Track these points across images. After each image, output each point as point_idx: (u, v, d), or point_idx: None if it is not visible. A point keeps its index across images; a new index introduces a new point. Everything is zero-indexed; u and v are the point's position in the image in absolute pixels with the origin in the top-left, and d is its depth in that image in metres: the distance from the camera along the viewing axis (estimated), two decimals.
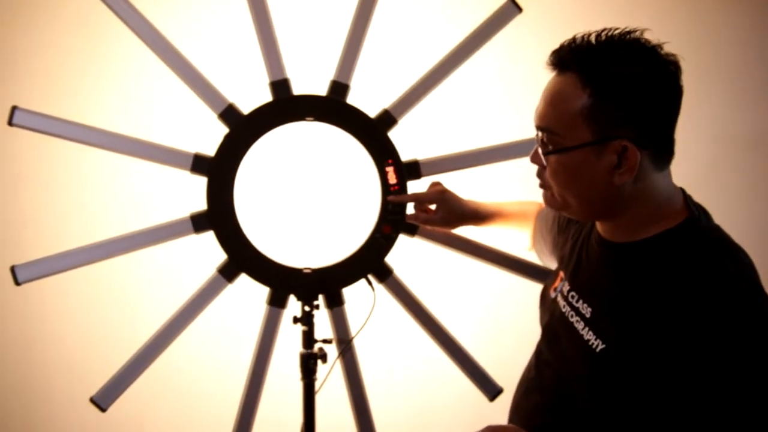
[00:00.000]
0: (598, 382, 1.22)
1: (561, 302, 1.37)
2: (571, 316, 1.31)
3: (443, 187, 1.73)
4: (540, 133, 1.25)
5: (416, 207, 1.73)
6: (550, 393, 1.34)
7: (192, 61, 1.62)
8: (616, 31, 1.18)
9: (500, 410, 1.96)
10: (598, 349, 1.22)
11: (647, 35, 1.19)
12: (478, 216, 1.73)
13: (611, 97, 1.15)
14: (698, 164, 2.39)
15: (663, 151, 1.20)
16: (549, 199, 1.30)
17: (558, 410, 1.32)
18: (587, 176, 1.20)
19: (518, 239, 1.76)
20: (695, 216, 1.22)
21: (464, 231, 1.76)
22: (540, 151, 1.26)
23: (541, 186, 1.31)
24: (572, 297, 1.33)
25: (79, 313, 2.40)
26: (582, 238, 1.39)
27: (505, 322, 2.42)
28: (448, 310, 1.90)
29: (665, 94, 1.18)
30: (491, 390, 1.79)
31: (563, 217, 1.51)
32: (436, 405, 2.59)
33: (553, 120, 1.21)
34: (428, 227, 1.74)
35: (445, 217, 1.71)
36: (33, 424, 2.45)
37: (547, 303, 1.46)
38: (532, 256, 1.81)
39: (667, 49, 1.18)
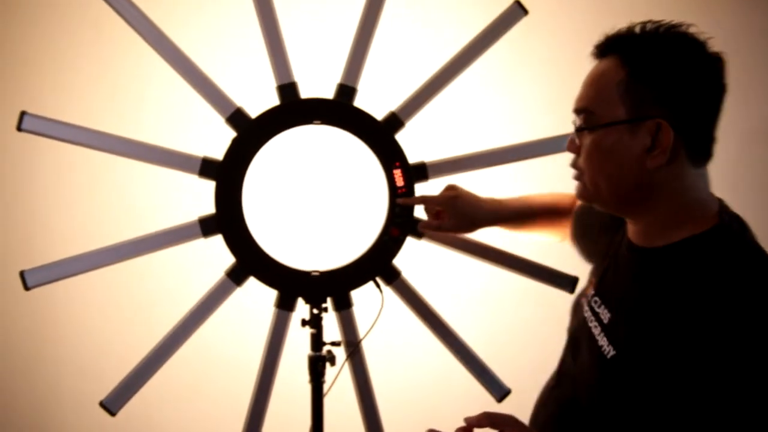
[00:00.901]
0: (605, 391, 1.20)
1: (585, 308, 1.34)
2: (591, 321, 1.29)
3: (457, 191, 1.70)
4: (577, 120, 1.24)
5: (427, 212, 1.73)
6: (566, 404, 1.32)
7: (200, 66, 1.63)
8: (662, 23, 1.17)
9: (508, 411, 1.95)
10: (609, 356, 1.19)
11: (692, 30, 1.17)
12: (499, 217, 1.71)
13: (648, 77, 1.14)
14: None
15: (699, 146, 1.17)
16: (581, 190, 1.26)
17: (571, 422, 1.30)
18: (620, 157, 1.17)
19: (550, 236, 1.73)
20: (725, 223, 1.16)
21: (475, 233, 1.76)
22: (575, 137, 1.25)
23: (575, 177, 1.28)
24: (595, 302, 1.31)
25: (87, 317, 2.41)
26: (615, 245, 1.36)
27: (513, 323, 2.42)
28: (456, 312, 1.90)
29: (705, 86, 1.15)
30: (499, 391, 1.79)
31: (598, 223, 1.46)
32: (444, 406, 2.58)
33: (590, 99, 1.21)
34: (442, 235, 1.74)
35: (459, 224, 1.69)
36: (44, 428, 2.46)
37: (576, 311, 1.42)
38: (542, 259, 1.81)
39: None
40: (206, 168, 1.64)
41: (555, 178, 2.55)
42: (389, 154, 1.70)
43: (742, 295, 1.07)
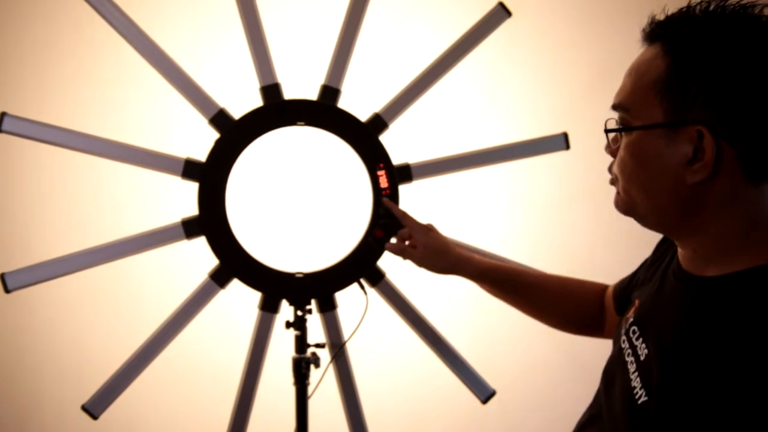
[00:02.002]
0: None
1: (623, 337, 1.13)
2: (628, 355, 1.08)
3: (434, 229, 1.65)
4: (617, 117, 1.06)
5: (399, 236, 1.68)
6: None
7: (182, 67, 1.62)
8: (730, 3, 0.95)
9: (493, 413, 1.96)
10: (639, 402, 0.99)
11: None
12: (467, 268, 1.60)
13: (692, 71, 0.94)
14: None
15: (759, 158, 0.94)
16: (616, 199, 1.08)
17: None
18: (654, 167, 0.99)
19: (553, 318, 1.58)
20: None
21: (460, 235, 1.76)
22: (615, 137, 1.08)
23: (611, 182, 1.10)
24: (633, 332, 1.10)
25: (70, 320, 2.39)
26: (665, 264, 1.16)
27: (498, 324, 2.43)
28: (441, 313, 1.91)
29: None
30: (484, 392, 1.79)
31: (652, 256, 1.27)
32: (429, 408, 2.59)
33: (627, 95, 1.02)
34: (404, 259, 1.66)
35: (424, 256, 1.62)
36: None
37: (616, 336, 1.20)
38: (528, 261, 1.81)
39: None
40: (189, 169, 1.63)
41: (542, 180, 2.57)
42: (373, 156, 1.70)
43: None
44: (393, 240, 1.69)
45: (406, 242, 1.68)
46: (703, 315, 0.96)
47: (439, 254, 1.62)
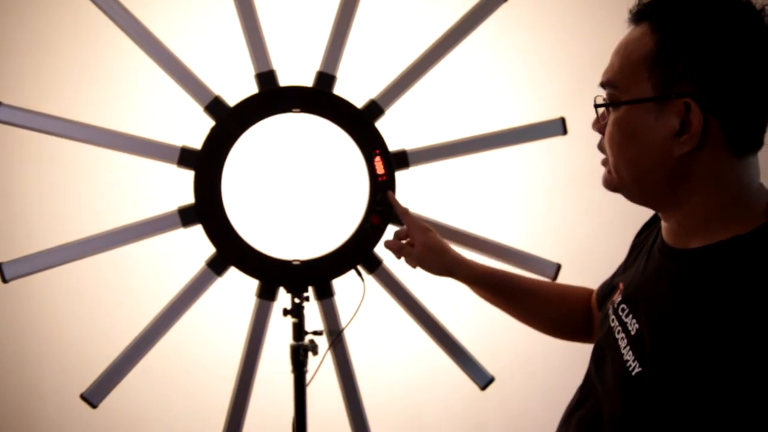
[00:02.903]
0: (628, 413, 1.03)
1: (611, 316, 1.18)
2: (618, 332, 1.13)
3: (433, 230, 1.67)
4: (604, 94, 1.10)
5: (396, 234, 1.70)
6: (589, 425, 1.16)
7: (177, 54, 1.61)
8: None
9: (492, 399, 1.96)
10: (633, 373, 1.03)
11: None
12: (462, 271, 1.63)
13: (679, 47, 0.98)
14: None
15: (743, 131, 0.99)
16: (605, 176, 1.13)
17: None
18: (643, 140, 1.03)
19: (542, 323, 1.61)
20: None
21: (457, 221, 1.76)
22: (603, 114, 1.12)
23: (603, 163, 1.14)
24: (622, 310, 1.14)
25: (67, 309, 2.39)
26: (648, 245, 1.20)
27: (496, 310, 2.43)
28: (439, 300, 1.91)
29: (752, 61, 0.96)
30: (483, 379, 1.80)
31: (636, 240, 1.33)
32: (427, 394, 2.59)
33: (615, 72, 1.06)
34: (399, 258, 1.69)
35: (422, 256, 1.64)
36: (26, 422, 2.45)
37: (603, 319, 1.24)
38: (525, 246, 1.81)
39: None
40: (185, 157, 1.62)
41: (540, 166, 2.56)
42: (369, 142, 1.69)
43: None
44: (389, 227, 1.69)
45: (404, 241, 1.68)
46: (690, 284, 1.00)
47: (436, 255, 1.64)
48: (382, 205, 1.69)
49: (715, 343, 0.91)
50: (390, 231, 1.72)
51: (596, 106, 1.10)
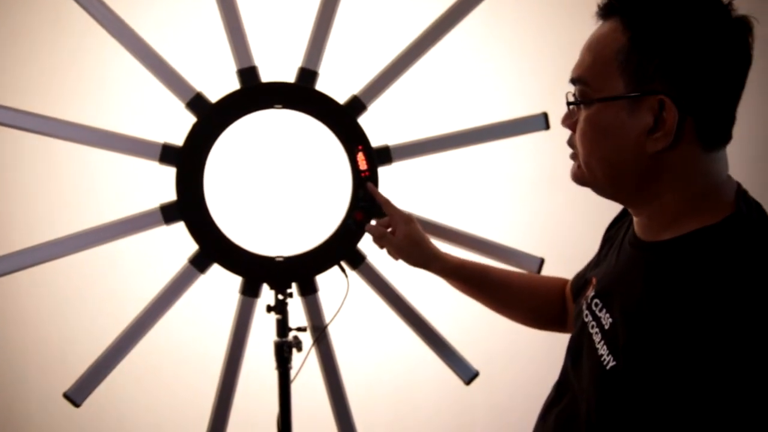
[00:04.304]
0: (604, 406, 1.02)
1: (585, 311, 1.18)
2: (592, 327, 1.12)
3: (413, 218, 1.65)
4: (574, 90, 1.09)
5: (378, 223, 1.69)
6: (566, 421, 1.16)
7: (158, 51, 1.60)
8: None
9: (476, 393, 1.96)
10: (608, 367, 1.02)
11: None
12: (444, 266, 1.62)
13: (652, 45, 0.97)
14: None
15: (713, 126, 1.00)
16: (574, 171, 1.13)
17: None
18: (616, 137, 1.02)
19: (519, 313, 1.63)
20: (742, 212, 1.00)
21: (440, 216, 1.76)
22: (572, 111, 1.11)
23: (571, 157, 1.14)
24: (596, 305, 1.14)
25: (49, 307, 2.38)
26: (619, 239, 1.21)
27: (480, 306, 2.43)
28: (422, 295, 1.91)
29: (723, 56, 0.97)
30: (467, 373, 1.80)
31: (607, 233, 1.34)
32: (412, 390, 2.60)
33: (586, 68, 1.05)
34: (381, 247, 1.68)
35: (403, 246, 1.63)
36: (8, 421, 2.43)
37: (577, 315, 1.24)
38: (508, 240, 1.81)
39: None
40: (167, 154, 1.62)
41: (524, 161, 2.57)
42: (352, 138, 1.69)
43: (760, 294, 0.90)
44: (373, 222, 1.69)
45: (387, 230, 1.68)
46: (661, 276, 1.01)
47: (416, 246, 1.64)
48: (365, 200, 1.69)
49: (686, 333, 0.91)
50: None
51: (569, 103, 1.10)
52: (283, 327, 1.68)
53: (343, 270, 1.71)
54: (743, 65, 0.99)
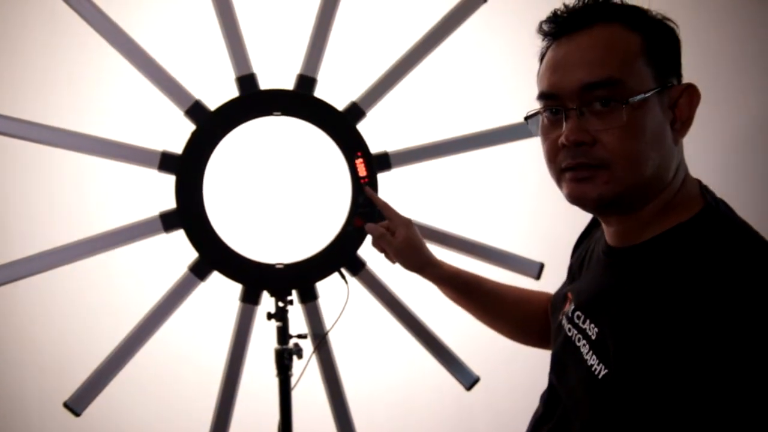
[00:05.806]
0: (599, 415, 1.00)
1: (566, 326, 1.17)
2: (578, 340, 1.10)
3: (412, 223, 1.66)
4: (578, 98, 1.02)
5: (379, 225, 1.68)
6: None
7: (157, 59, 1.60)
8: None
9: (478, 399, 1.96)
10: (600, 376, 1.00)
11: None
12: (439, 273, 1.62)
13: (662, 40, 1.02)
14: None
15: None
16: (600, 188, 1.02)
17: None
18: (659, 132, 1.00)
19: (503, 325, 1.62)
20: (711, 205, 1.01)
21: (440, 222, 1.76)
22: (580, 119, 1.02)
23: (587, 175, 1.03)
24: (578, 318, 1.12)
25: (49, 316, 2.37)
26: (590, 251, 1.21)
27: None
28: (423, 301, 1.90)
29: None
30: (468, 379, 1.80)
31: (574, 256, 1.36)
32: (413, 396, 2.59)
33: (617, 68, 0.99)
34: (380, 250, 1.69)
35: (402, 249, 1.62)
36: (7, 431, 2.43)
37: (557, 332, 1.23)
38: (508, 246, 1.81)
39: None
40: (166, 162, 1.62)
41: (522, 165, 2.56)
42: (351, 145, 1.69)
43: (747, 286, 0.89)
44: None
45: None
46: (640, 277, 1.00)
47: (413, 249, 1.64)
48: (364, 207, 1.69)
49: (671, 331, 0.90)
50: None
51: (605, 101, 1.00)
52: (283, 334, 1.67)
53: (343, 277, 1.71)
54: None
